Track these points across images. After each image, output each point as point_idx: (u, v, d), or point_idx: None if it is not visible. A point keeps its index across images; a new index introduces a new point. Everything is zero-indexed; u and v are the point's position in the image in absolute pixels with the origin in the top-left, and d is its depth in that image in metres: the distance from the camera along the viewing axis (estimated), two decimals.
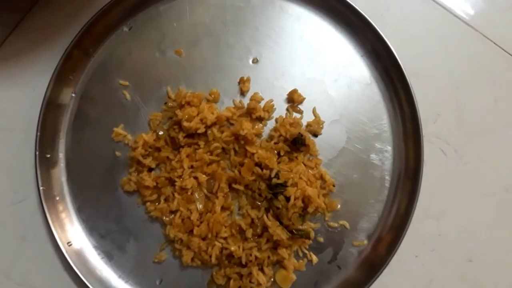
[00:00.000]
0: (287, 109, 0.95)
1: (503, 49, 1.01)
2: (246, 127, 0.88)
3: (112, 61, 0.96)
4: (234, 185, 0.88)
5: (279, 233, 0.83)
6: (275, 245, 0.86)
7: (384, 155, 0.93)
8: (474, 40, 1.02)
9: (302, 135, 0.89)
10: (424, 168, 0.89)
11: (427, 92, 0.96)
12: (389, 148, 0.94)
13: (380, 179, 0.92)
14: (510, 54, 1.01)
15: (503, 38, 1.01)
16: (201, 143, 0.90)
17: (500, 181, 0.95)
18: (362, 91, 0.96)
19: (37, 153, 0.89)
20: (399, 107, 0.95)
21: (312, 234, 0.87)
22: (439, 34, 1.02)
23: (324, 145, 0.93)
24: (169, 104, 0.93)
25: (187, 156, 0.89)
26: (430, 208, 0.93)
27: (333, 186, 0.90)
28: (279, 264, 0.87)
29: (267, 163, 0.86)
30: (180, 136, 0.89)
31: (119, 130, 0.92)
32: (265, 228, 0.85)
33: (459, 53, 1.01)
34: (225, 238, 0.86)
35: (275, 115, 0.94)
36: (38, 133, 0.89)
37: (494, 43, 1.01)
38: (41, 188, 0.88)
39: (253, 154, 0.88)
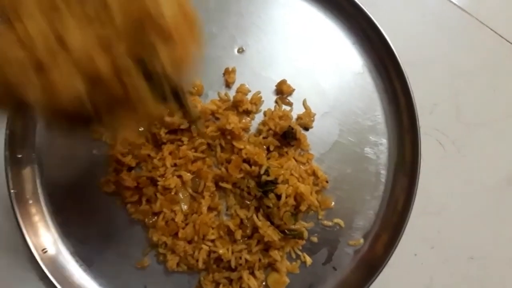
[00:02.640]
0: (276, 101, 0.92)
1: (501, 36, 0.99)
2: (233, 121, 0.85)
3: None
4: (221, 184, 0.86)
5: (270, 234, 0.81)
6: (266, 247, 0.83)
7: (379, 148, 0.91)
8: (471, 27, 0.99)
9: (292, 129, 0.86)
10: (421, 161, 0.86)
11: (422, 81, 0.93)
12: (384, 140, 0.91)
13: (376, 174, 0.90)
14: (508, 42, 0.98)
15: (501, 24, 0.99)
16: (185, 139, 0.87)
17: (501, 174, 0.93)
18: (355, 81, 0.93)
19: (7, 153, 0.84)
20: (394, 98, 0.92)
21: (306, 234, 0.85)
22: (435, 21, 0.99)
23: (315, 139, 0.90)
24: None
25: (170, 153, 0.86)
26: (429, 204, 0.91)
27: (326, 182, 0.88)
28: (271, 267, 0.85)
29: (256, 159, 0.84)
30: (162, 132, 0.86)
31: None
32: (255, 229, 0.83)
33: (456, 41, 0.98)
34: (212, 241, 0.83)
35: (263, 107, 0.91)
36: (7, 131, 0.84)
37: (492, 30, 0.99)
38: (12, 191, 0.83)
39: (240, 149, 0.86)
